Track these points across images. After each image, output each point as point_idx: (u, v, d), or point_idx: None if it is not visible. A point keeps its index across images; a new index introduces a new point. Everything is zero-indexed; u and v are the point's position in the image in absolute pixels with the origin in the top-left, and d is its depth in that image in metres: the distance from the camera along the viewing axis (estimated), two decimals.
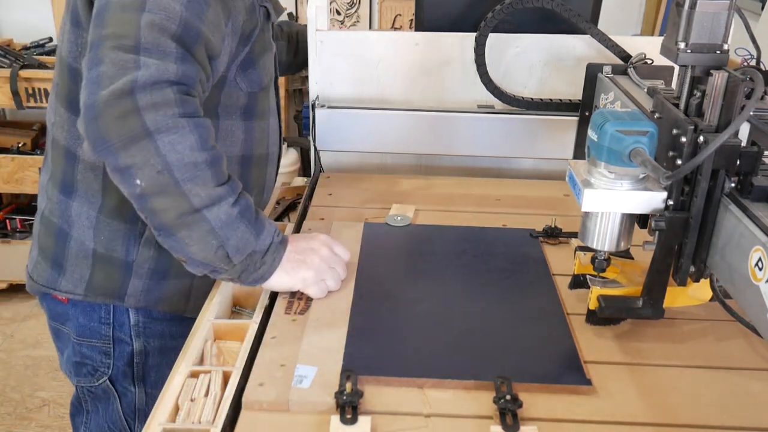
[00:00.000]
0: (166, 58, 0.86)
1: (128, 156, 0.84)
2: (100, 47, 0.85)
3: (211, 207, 0.88)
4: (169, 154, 0.85)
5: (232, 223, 0.90)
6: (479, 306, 1.02)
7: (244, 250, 0.92)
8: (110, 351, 1.10)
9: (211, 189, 0.88)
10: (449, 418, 0.81)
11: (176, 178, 0.86)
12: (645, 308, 0.93)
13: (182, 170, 0.86)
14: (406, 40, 1.49)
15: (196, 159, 0.86)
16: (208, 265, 0.93)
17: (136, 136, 0.83)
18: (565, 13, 1.35)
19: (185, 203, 0.87)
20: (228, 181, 0.91)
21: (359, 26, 3.11)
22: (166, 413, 0.82)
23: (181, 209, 0.87)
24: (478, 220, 1.29)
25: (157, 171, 0.85)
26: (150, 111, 0.83)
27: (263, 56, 1.06)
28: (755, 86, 0.78)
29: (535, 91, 1.50)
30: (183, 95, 0.87)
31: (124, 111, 0.83)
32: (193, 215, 0.88)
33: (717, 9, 0.82)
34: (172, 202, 0.87)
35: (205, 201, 0.88)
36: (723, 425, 0.82)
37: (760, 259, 0.72)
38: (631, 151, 0.82)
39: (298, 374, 0.86)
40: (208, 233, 0.89)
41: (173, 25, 0.86)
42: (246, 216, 0.92)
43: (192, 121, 0.86)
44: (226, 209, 0.89)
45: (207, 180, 0.88)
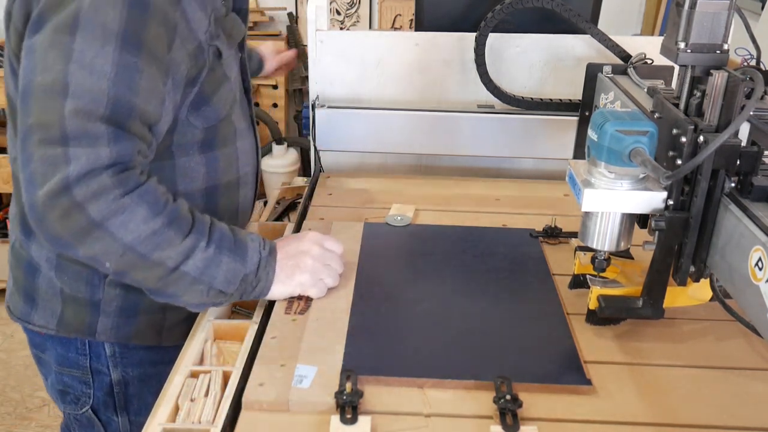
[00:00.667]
0: (96, 143, 0.82)
1: (86, 248, 0.84)
2: (27, 141, 0.82)
3: (186, 261, 0.88)
4: (125, 235, 0.84)
5: (213, 263, 0.90)
6: (479, 306, 1.02)
7: (235, 278, 0.92)
8: (89, 381, 1.10)
9: (179, 246, 0.88)
10: (449, 418, 0.81)
11: (141, 253, 0.85)
12: (645, 308, 0.93)
13: (144, 244, 0.85)
14: (406, 40, 1.49)
15: (153, 227, 0.85)
16: (206, 304, 0.94)
17: (85, 230, 0.83)
18: (565, 13, 1.35)
19: (160, 269, 0.87)
20: (194, 226, 0.90)
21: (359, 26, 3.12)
22: (166, 413, 0.82)
23: (158, 274, 0.88)
24: (478, 220, 1.29)
25: (119, 255, 0.85)
26: (91, 202, 0.82)
27: (218, 91, 1.01)
28: (755, 86, 0.78)
29: (535, 91, 1.50)
30: (120, 174, 0.84)
31: (64, 210, 0.81)
32: (172, 274, 0.88)
33: (717, 9, 0.82)
34: (147, 272, 0.88)
35: (178, 258, 0.88)
36: (723, 425, 0.82)
37: (760, 259, 0.72)
38: (631, 151, 0.82)
39: (298, 374, 0.86)
40: (192, 283, 0.90)
41: (100, 108, 0.83)
42: (224, 247, 0.92)
43: (135, 195, 0.85)
44: (201, 255, 0.89)
45: (171, 240, 0.87)
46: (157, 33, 0.86)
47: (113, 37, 0.83)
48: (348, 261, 1.11)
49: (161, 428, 0.79)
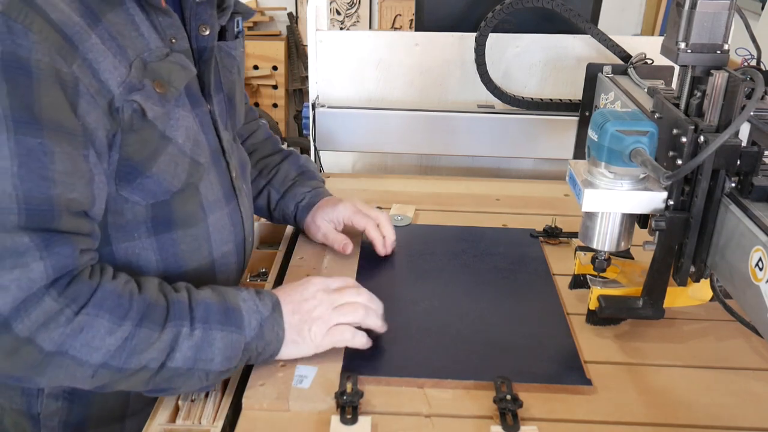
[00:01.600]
0: (23, 261, 0.68)
1: (49, 379, 0.72)
2: None
3: (171, 355, 0.76)
4: (92, 356, 0.71)
5: (205, 345, 0.77)
6: (479, 306, 1.02)
7: (235, 352, 0.80)
8: None
9: (158, 343, 0.75)
10: (449, 418, 0.81)
11: (117, 367, 0.73)
12: (645, 308, 0.93)
13: (116, 357, 0.73)
14: (406, 40, 1.49)
15: (123, 335, 0.73)
16: (211, 386, 0.82)
17: (42, 363, 0.70)
18: (565, 13, 1.35)
19: (143, 373, 0.75)
20: (170, 311, 0.77)
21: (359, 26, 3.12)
22: (166, 413, 0.82)
23: (143, 379, 0.76)
24: (478, 220, 1.29)
25: (91, 376, 0.73)
26: (39, 334, 0.69)
27: (155, 158, 0.81)
28: (755, 86, 0.78)
29: (535, 91, 1.50)
30: (66, 290, 0.71)
31: (9, 348, 0.68)
32: (159, 373, 0.76)
33: (717, 9, 0.82)
34: (131, 381, 0.76)
35: (161, 356, 0.75)
36: (723, 425, 0.82)
37: (761, 259, 0.72)
38: (632, 151, 0.82)
39: (298, 374, 0.86)
40: (186, 374, 0.77)
41: (12, 216, 0.68)
42: (213, 321, 0.79)
43: (91, 307, 0.72)
44: (187, 344, 0.76)
45: (147, 339, 0.74)
46: (53, 98, 0.69)
47: (0, 120, 0.66)
48: (348, 261, 1.11)
49: (161, 428, 0.79)
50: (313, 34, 1.47)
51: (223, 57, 0.93)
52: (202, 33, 0.86)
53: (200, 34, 0.86)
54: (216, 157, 0.91)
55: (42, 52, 0.68)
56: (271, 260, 1.15)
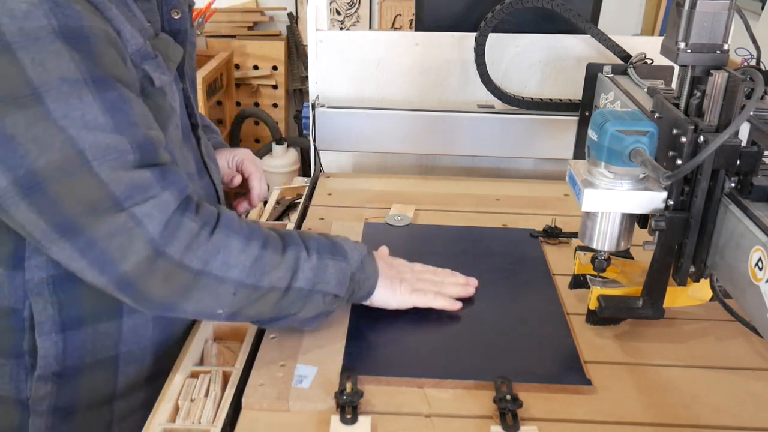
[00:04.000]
0: (151, 192, 0.75)
1: (195, 303, 0.79)
2: (72, 231, 0.73)
3: (296, 276, 0.84)
4: (230, 272, 0.79)
5: (321, 269, 0.86)
6: (479, 306, 1.02)
7: (345, 278, 0.89)
8: None
9: (283, 264, 0.83)
10: (449, 418, 0.81)
11: (252, 285, 0.81)
12: (645, 308, 0.93)
13: (251, 275, 0.81)
14: (406, 40, 1.49)
15: (253, 254, 0.81)
16: (322, 315, 0.90)
17: (191, 284, 0.78)
18: (565, 13, 1.35)
19: (274, 294, 0.83)
20: (285, 240, 0.86)
21: (359, 26, 3.12)
22: (166, 413, 0.82)
23: (273, 300, 0.84)
24: (478, 220, 1.29)
25: (231, 295, 0.80)
26: (187, 254, 0.76)
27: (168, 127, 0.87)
28: (755, 86, 0.78)
29: (535, 91, 1.50)
30: (197, 211, 0.79)
31: (165, 272, 0.76)
32: (286, 295, 0.84)
33: (717, 9, 0.82)
34: (262, 303, 0.83)
35: (288, 276, 0.84)
36: (723, 425, 0.82)
37: (760, 259, 0.72)
38: (632, 151, 0.82)
39: (298, 374, 0.86)
40: (308, 295, 0.86)
41: (129, 156, 0.75)
42: (324, 251, 0.88)
43: (222, 228, 0.80)
44: (307, 266, 0.85)
45: (273, 260, 0.83)
46: (112, 56, 0.76)
47: (82, 85, 0.72)
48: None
49: (161, 428, 0.79)
50: (313, 34, 1.47)
51: (188, 44, 0.97)
52: (173, 17, 0.91)
53: (172, 18, 0.91)
54: (187, 133, 0.96)
55: (89, 19, 0.74)
56: None
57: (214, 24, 2.99)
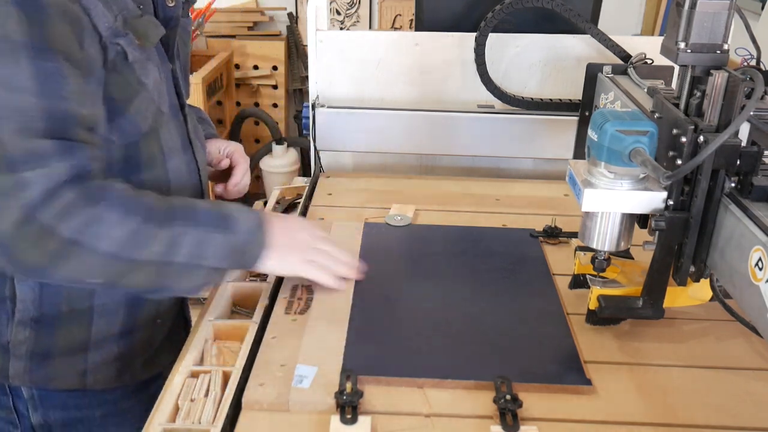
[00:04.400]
0: (46, 161, 0.78)
1: (65, 270, 0.80)
2: None
3: (175, 251, 0.84)
4: (103, 245, 0.80)
5: (203, 244, 0.86)
6: (479, 306, 1.02)
7: (227, 252, 0.89)
8: (15, 421, 1.02)
9: (163, 239, 0.84)
10: (449, 418, 0.81)
11: (126, 258, 0.82)
12: (645, 308, 0.93)
13: (126, 248, 0.81)
14: (406, 40, 1.49)
15: (131, 228, 0.82)
16: (203, 286, 0.91)
17: (60, 251, 0.78)
18: (565, 13, 1.35)
19: (149, 268, 0.84)
20: (174, 214, 0.87)
21: (359, 26, 3.12)
22: (166, 413, 0.82)
23: (149, 273, 0.84)
24: (478, 220, 1.29)
25: (103, 267, 0.81)
26: (60, 222, 0.78)
27: (133, 100, 0.91)
28: (755, 86, 0.78)
29: (535, 91, 1.50)
30: (82, 185, 0.80)
31: (34, 236, 0.77)
32: (163, 269, 0.85)
33: (717, 9, 0.82)
34: (138, 275, 0.84)
35: (166, 251, 0.84)
36: (723, 425, 0.82)
37: (760, 259, 0.72)
38: (631, 151, 0.82)
39: (298, 374, 0.86)
40: (185, 269, 0.86)
41: (37, 123, 0.77)
42: (211, 224, 0.88)
43: (104, 202, 0.81)
44: (188, 240, 0.85)
45: (154, 234, 0.83)
46: (63, 30, 0.79)
47: (21, 48, 0.75)
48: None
49: (161, 428, 0.79)
50: (313, 34, 1.47)
51: (181, 30, 1.02)
52: (168, 4, 0.96)
53: (167, 5, 0.96)
54: (174, 110, 1.02)
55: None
56: None
57: (214, 24, 2.99)
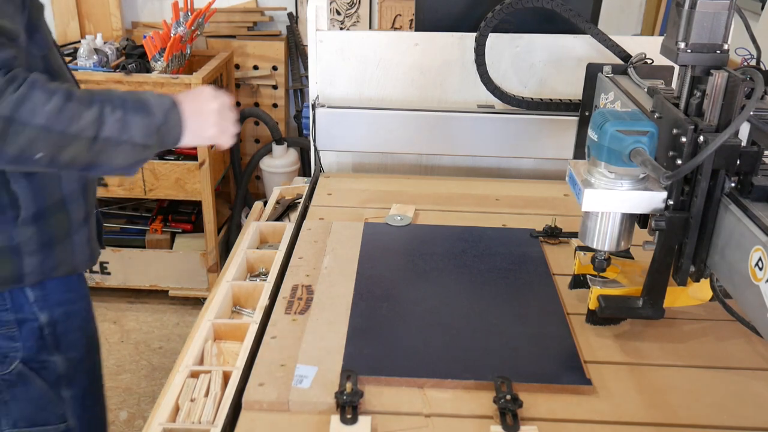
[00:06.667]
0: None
1: (12, 147, 0.90)
2: None
3: (102, 127, 0.93)
4: (36, 119, 0.90)
5: (126, 123, 0.96)
6: (479, 306, 1.02)
7: (150, 131, 0.97)
8: (16, 334, 1.12)
9: (88, 116, 0.93)
10: (449, 418, 0.81)
11: (59, 131, 0.91)
12: (645, 308, 0.93)
13: (56, 122, 0.91)
14: (406, 40, 1.49)
15: (57, 104, 0.91)
16: (137, 162, 0.99)
17: (4, 130, 0.89)
18: (565, 13, 1.35)
19: (82, 141, 0.93)
20: (94, 98, 0.96)
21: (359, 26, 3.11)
22: (166, 413, 0.82)
23: (84, 146, 0.93)
24: (478, 220, 1.29)
25: (42, 139, 0.91)
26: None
27: (41, 17, 1.07)
28: (755, 86, 0.78)
29: (535, 91, 1.50)
30: (7, 75, 0.91)
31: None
32: (96, 143, 0.93)
33: (717, 9, 0.82)
34: (74, 148, 0.93)
35: (93, 127, 0.93)
36: (723, 425, 0.82)
37: (760, 258, 0.72)
38: (631, 151, 0.82)
39: (298, 374, 0.86)
40: (117, 145, 0.95)
41: None
42: (129, 108, 0.97)
43: (28, 85, 0.91)
44: (112, 118, 0.94)
45: (78, 111, 0.93)
46: None
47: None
48: (348, 261, 1.11)
49: (161, 428, 0.79)
50: (313, 34, 1.47)
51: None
52: None
53: None
54: None
55: None
56: (270, 260, 1.15)
57: (214, 24, 2.98)
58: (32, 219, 1.08)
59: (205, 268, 2.56)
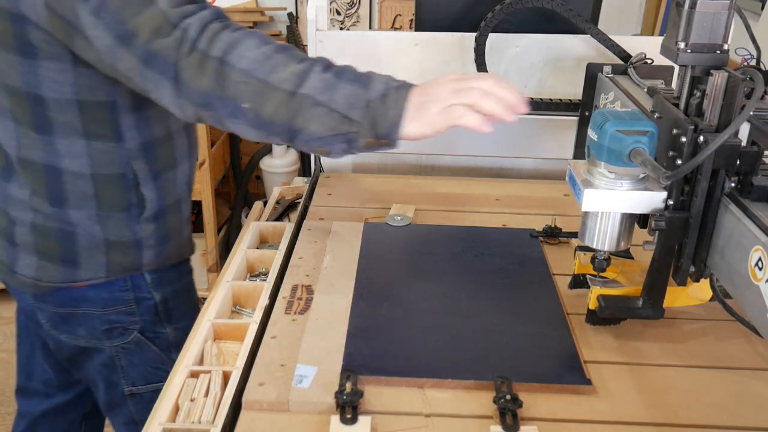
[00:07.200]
0: (194, 13, 0.93)
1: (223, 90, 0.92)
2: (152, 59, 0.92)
3: (302, 83, 0.91)
4: (242, 63, 0.91)
5: (332, 87, 0.92)
6: (479, 306, 1.02)
7: (357, 102, 0.91)
8: (135, 311, 1.22)
9: (292, 68, 0.92)
10: (449, 418, 0.81)
11: (259, 78, 0.91)
12: (645, 308, 0.93)
13: (260, 69, 0.91)
14: (406, 40, 1.49)
15: (265, 52, 0.92)
16: (337, 137, 0.93)
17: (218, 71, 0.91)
18: (565, 13, 1.35)
19: (279, 94, 0.91)
20: (308, 59, 0.95)
21: (359, 26, 3.11)
22: (166, 413, 0.82)
23: (281, 100, 0.92)
24: (478, 220, 1.29)
25: (245, 83, 0.91)
26: (211, 45, 0.92)
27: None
28: (755, 86, 0.78)
29: (535, 91, 1.50)
30: (225, 23, 0.95)
31: (196, 62, 0.91)
32: (293, 99, 0.91)
33: (717, 9, 0.82)
34: (273, 102, 0.92)
35: (294, 80, 0.91)
36: (723, 425, 0.82)
37: (760, 258, 0.72)
38: (631, 151, 0.82)
39: (298, 374, 0.86)
40: (313, 106, 0.91)
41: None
42: (344, 75, 0.93)
43: (243, 32, 0.94)
44: (317, 77, 0.92)
45: (284, 62, 0.92)
46: None
47: None
48: (348, 261, 1.11)
49: (161, 428, 0.79)
50: (313, 34, 1.47)
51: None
52: None
53: None
54: None
55: None
56: (270, 260, 1.15)
57: None
58: (153, 217, 1.17)
59: (205, 267, 2.56)
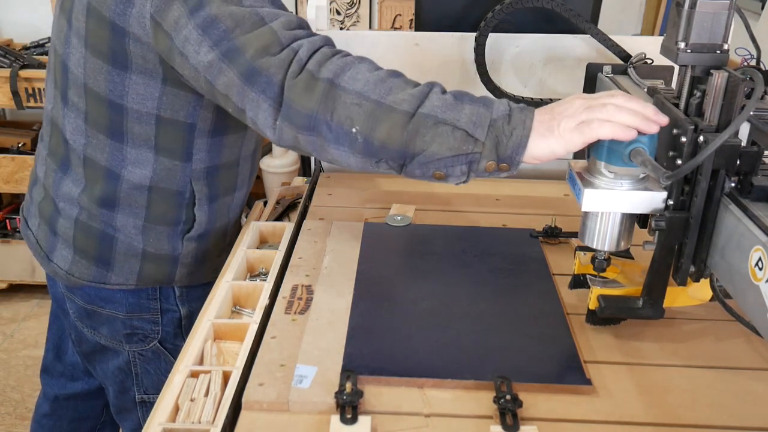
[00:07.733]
0: (305, 37, 0.96)
1: (331, 113, 0.90)
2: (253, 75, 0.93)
3: (422, 104, 0.89)
4: (356, 85, 0.90)
5: (453, 107, 0.88)
6: (479, 306, 1.02)
7: (481, 121, 0.87)
8: (159, 320, 1.23)
9: (409, 90, 0.90)
10: (449, 418, 0.81)
11: (375, 100, 0.89)
12: (645, 308, 0.93)
13: (374, 90, 0.90)
14: (406, 40, 1.49)
15: (379, 76, 0.92)
16: (460, 157, 0.88)
17: (324, 92, 0.90)
18: (565, 13, 1.35)
19: (398, 116, 0.88)
20: (427, 82, 0.93)
21: (359, 26, 3.11)
22: (166, 413, 0.82)
23: (399, 121, 0.88)
24: (478, 220, 1.29)
25: (358, 106, 0.89)
26: (321, 67, 0.92)
27: None
28: (755, 86, 0.78)
29: (535, 91, 1.50)
30: (335, 49, 0.97)
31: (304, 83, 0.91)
32: (412, 120, 0.88)
33: (717, 9, 0.82)
34: (389, 125, 0.89)
35: (413, 102, 0.89)
36: (723, 425, 0.82)
37: (760, 258, 0.72)
38: (631, 151, 0.82)
39: (298, 374, 0.86)
40: (435, 125, 0.88)
41: (293, 21, 0.98)
42: (464, 97, 0.90)
43: (353, 57, 0.95)
44: (437, 98, 0.89)
45: (400, 86, 0.91)
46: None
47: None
48: (348, 261, 1.11)
49: (161, 428, 0.79)
50: None
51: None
52: None
53: None
54: None
55: None
56: (270, 260, 1.15)
57: None
58: (197, 237, 1.20)
59: None
